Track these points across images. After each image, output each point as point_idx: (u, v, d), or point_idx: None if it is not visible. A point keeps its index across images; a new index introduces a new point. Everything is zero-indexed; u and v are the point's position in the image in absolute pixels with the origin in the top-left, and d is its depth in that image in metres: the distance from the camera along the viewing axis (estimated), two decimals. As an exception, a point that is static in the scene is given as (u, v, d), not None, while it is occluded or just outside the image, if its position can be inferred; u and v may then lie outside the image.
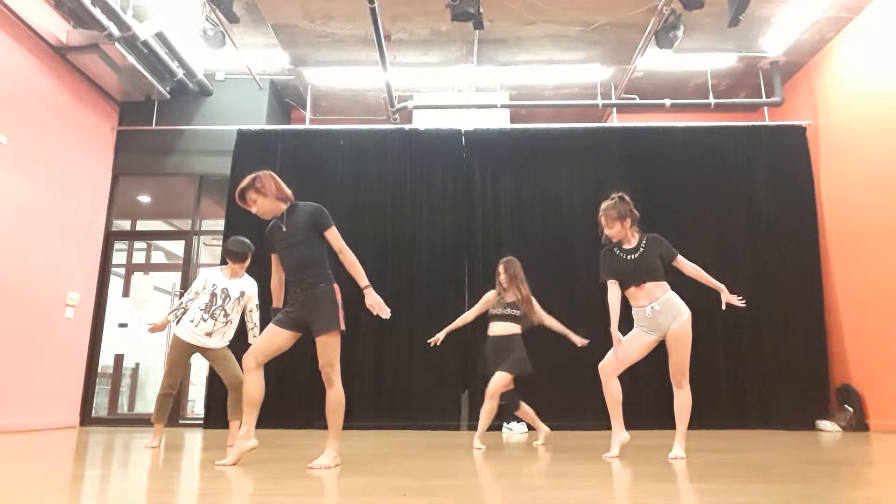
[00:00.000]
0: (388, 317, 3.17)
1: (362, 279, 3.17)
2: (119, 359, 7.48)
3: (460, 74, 7.37)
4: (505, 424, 6.16)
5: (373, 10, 5.48)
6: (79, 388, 6.70)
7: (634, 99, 7.58)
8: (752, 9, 5.76)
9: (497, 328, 4.50)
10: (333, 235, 3.23)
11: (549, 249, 6.79)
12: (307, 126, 7.63)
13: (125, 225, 7.90)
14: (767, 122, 7.41)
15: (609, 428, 3.75)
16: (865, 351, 6.08)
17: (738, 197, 6.92)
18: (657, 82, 7.56)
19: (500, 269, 4.62)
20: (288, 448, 4.20)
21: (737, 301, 3.63)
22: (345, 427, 6.42)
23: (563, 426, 6.20)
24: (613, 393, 3.66)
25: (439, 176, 7.06)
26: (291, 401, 6.17)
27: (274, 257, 3.35)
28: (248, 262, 4.45)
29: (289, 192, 3.31)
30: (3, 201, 5.62)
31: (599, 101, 7.30)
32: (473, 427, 6.22)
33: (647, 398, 6.21)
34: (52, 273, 6.26)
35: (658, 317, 3.54)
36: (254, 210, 3.27)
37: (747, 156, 7.05)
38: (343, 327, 3.16)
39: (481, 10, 5.51)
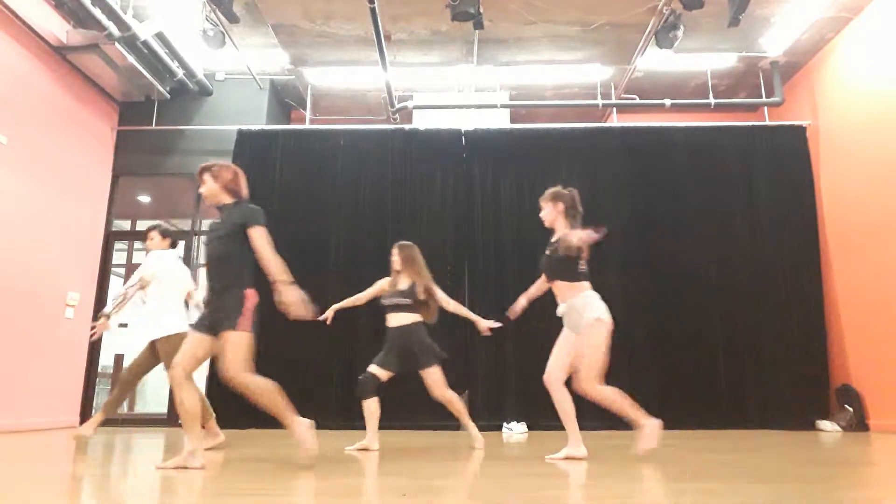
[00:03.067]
0: (311, 317, 3.01)
1: (279, 275, 2.97)
2: (119, 359, 7.46)
3: (460, 74, 7.36)
4: (505, 424, 6.15)
5: (373, 10, 5.48)
6: (79, 388, 6.70)
7: (634, 99, 7.58)
8: (752, 9, 5.76)
9: (396, 319, 4.30)
10: (258, 235, 3.03)
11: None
12: (307, 126, 7.62)
13: (125, 225, 7.90)
14: (767, 122, 7.41)
15: (609, 428, 3.73)
16: (865, 351, 6.08)
17: (738, 197, 6.92)
18: (657, 82, 7.56)
19: (394, 251, 4.43)
20: (286, 448, 4.19)
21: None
22: (345, 427, 6.40)
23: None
24: (564, 405, 3.41)
25: (439, 176, 7.06)
26: (293, 401, 6.16)
27: None
28: (152, 239, 4.44)
29: (244, 191, 3.26)
30: (3, 201, 5.62)
31: (599, 101, 7.30)
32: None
33: (648, 398, 6.21)
34: (52, 273, 6.26)
35: (566, 318, 3.44)
36: (201, 189, 3.26)
37: (747, 156, 7.04)
38: (245, 329, 2.94)
39: (481, 10, 5.51)
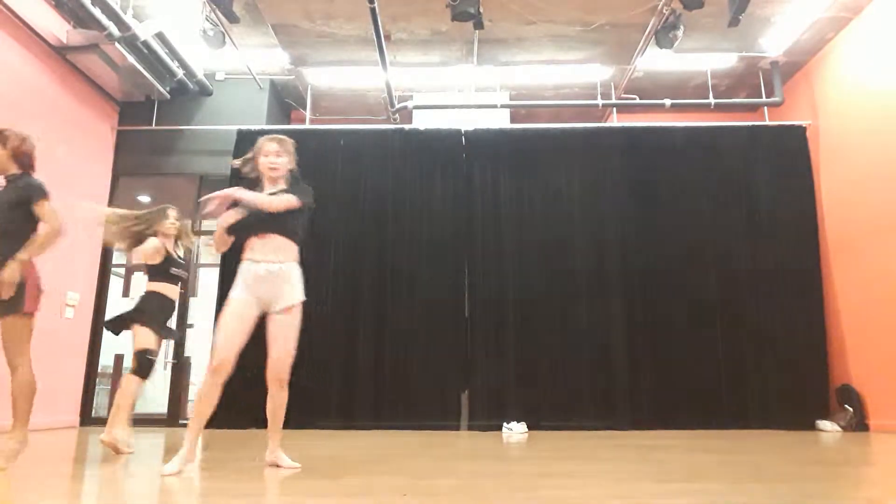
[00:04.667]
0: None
1: (32, 252, 3.06)
2: (119, 359, 7.45)
3: (460, 74, 7.36)
4: (505, 424, 6.15)
5: (373, 10, 5.48)
6: (79, 388, 6.69)
7: (634, 99, 7.58)
8: (752, 9, 5.76)
9: (169, 289, 4.10)
10: (43, 209, 3.09)
11: (549, 249, 6.79)
12: (307, 126, 7.62)
13: (125, 225, 7.89)
14: (767, 122, 7.41)
15: (609, 428, 3.72)
16: (865, 351, 6.08)
17: (738, 197, 6.91)
18: (657, 82, 7.56)
19: (174, 214, 4.19)
20: (288, 450, 4.18)
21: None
22: (345, 427, 6.39)
23: (561, 426, 6.21)
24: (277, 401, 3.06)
25: (439, 176, 7.06)
26: (292, 402, 6.17)
27: None
28: None
29: (34, 161, 3.19)
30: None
31: (599, 101, 7.30)
32: (474, 427, 6.24)
33: (648, 398, 6.21)
34: (51, 273, 6.22)
35: (264, 283, 3.08)
36: None
37: (747, 156, 7.04)
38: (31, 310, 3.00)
39: (481, 10, 5.52)
